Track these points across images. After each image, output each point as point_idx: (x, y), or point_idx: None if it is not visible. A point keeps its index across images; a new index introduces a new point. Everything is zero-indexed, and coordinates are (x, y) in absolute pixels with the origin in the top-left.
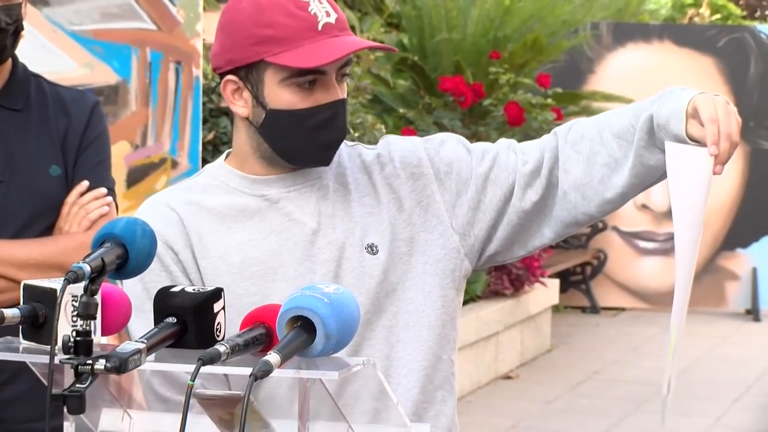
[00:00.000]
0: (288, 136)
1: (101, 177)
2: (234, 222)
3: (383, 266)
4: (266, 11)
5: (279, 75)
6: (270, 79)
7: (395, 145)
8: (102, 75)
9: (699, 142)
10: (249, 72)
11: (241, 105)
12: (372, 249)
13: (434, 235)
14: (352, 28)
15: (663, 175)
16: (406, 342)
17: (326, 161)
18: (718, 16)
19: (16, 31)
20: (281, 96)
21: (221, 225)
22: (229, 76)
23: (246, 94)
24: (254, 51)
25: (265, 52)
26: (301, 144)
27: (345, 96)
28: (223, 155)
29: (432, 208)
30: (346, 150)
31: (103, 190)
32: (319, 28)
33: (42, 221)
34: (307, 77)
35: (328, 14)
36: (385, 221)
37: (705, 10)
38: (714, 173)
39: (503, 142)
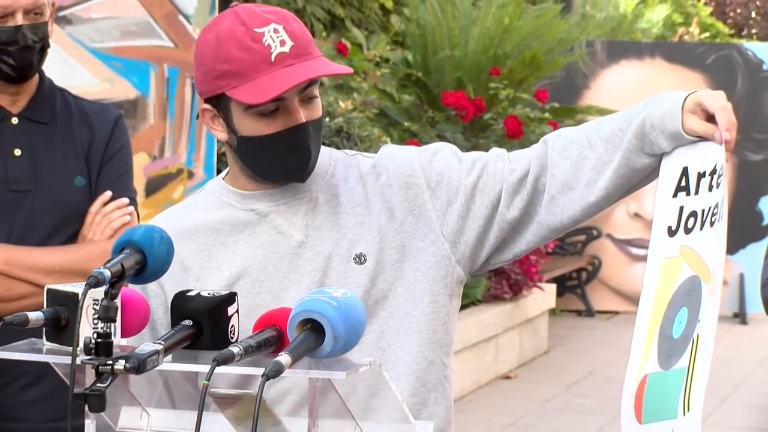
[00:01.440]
0: (259, 160)
1: (123, 187)
2: (227, 236)
3: (371, 275)
4: (223, 46)
5: (241, 106)
6: (235, 109)
7: (391, 156)
8: (122, 90)
9: (699, 137)
10: (219, 102)
11: (219, 130)
12: (360, 259)
13: (425, 242)
14: (359, 45)
15: (646, 179)
16: (397, 346)
17: (300, 179)
18: (707, 34)
19: (42, 49)
20: (247, 124)
21: (215, 240)
22: (205, 105)
23: (221, 121)
24: (216, 84)
25: (224, 86)
26: (272, 165)
27: (312, 116)
28: (224, 172)
29: (423, 217)
30: (343, 161)
31: (125, 200)
32: (272, 59)
33: (67, 230)
34: (267, 106)
35: (282, 43)
36: (375, 230)
37: (695, 29)
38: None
39: (494, 151)
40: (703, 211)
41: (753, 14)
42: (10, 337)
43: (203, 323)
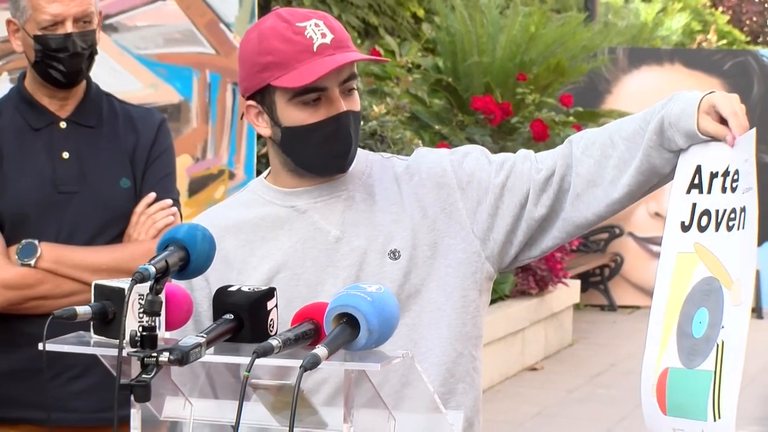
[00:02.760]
0: (302, 149)
1: (167, 189)
2: (267, 232)
3: (404, 270)
4: (266, 40)
5: (286, 96)
6: (279, 100)
7: (424, 157)
8: (165, 95)
9: (712, 137)
10: (263, 96)
11: (263, 126)
12: (394, 254)
13: (456, 240)
14: (392, 52)
15: (666, 177)
16: (428, 338)
17: (341, 169)
18: (724, 41)
19: (90, 55)
20: (291, 114)
21: (256, 235)
22: (249, 102)
23: (265, 116)
24: (261, 78)
25: (269, 78)
26: (314, 155)
27: (352, 108)
28: (265, 172)
29: (455, 215)
30: (379, 162)
31: (169, 201)
32: (314, 49)
33: (112, 230)
34: (310, 95)
35: (324, 35)
36: (409, 228)
37: (712, 36)
38: None
39: (521, 152)
40: (717, 212)
41: None
42: (59, 330)
43: (244, 317)
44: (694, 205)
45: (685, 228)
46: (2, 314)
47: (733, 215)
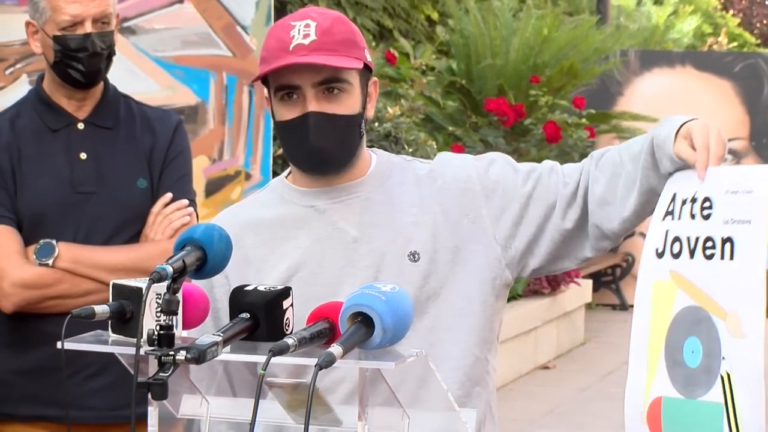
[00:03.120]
0: (285, 145)
1: (183, 189)
2: (287, 231)
3: (423, 273)
4: (268, 36)
5: (273, 91)
6: (272, 94)
7: (448, 162)
8: (183, 96)
9: (685, 161)
10: (267, 88)
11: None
12: (414, 257)
13: (479, 246)
14: (407, 55)
15: None
16: (446, 341)
17: (320, 169)
18: (734, 43)
19: (109, 56)
20: (277, 109)
21: (276, 234)
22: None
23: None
24: (259, 70)
25: (261, 71)
26: (291, 152)
27: (326, 109)
28: (286, 170)
29: (478, 221)
30: (401, 165)
31: (185, 202)
32: (290, 48)
33: (129, 229)
34: (284, 91)
35: (306, 36)
36: (430, 231)
37: (723, 39)
38: None
39: (547, 164)
40: (689, 239)
41: None
42: (78, 329)
43: (260, 316)
44: (667, 231)
45: (659, 255)
46: (21, 313)
47: (709, 243)
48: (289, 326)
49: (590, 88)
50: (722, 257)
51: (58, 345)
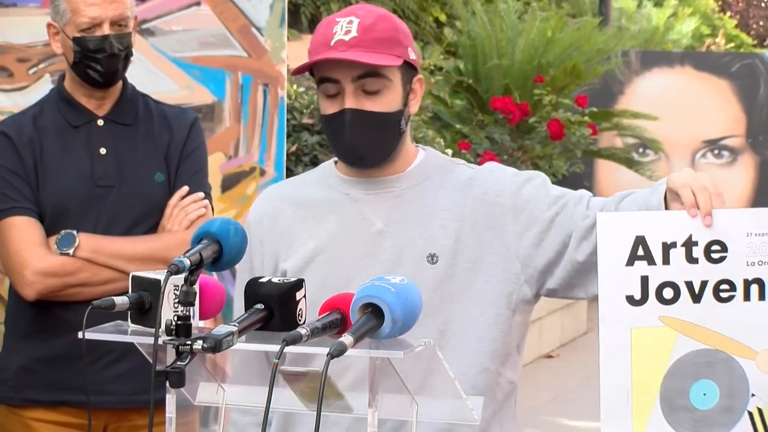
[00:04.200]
0: (327, 138)
1: (199, 183)
2: (321, 213)
3: (439, 276)
4: (315, 31)
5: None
6: (318, 87)
7: (490, 173)
8: (200, 96)
9: (677, 197)
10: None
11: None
12: (432, 258)
13: (499, 258)
14: None
15: None
16: (454, 347)
17: (357, 164)
18: (732, 44)
19: (126, 57)
20: (321, 103)
21: (312, 214)
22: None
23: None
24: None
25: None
26: (333, 145)
27: (364, 107)
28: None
29: (502, 235)
30: (445, 167)
31: (201, 195)
32: (331, 43)
33: (147, 221)
34: (325, 85)
35: (347, 32)
36: (454, 236)
37: (721, 39)
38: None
39: (578, 193)
40: (690, 283)
41: None
42: (98, 318)
43: (274, 307)
44: (645, 278)
45: (636, 302)
46: (43, 302)
47: (725, 286)
48: (301, 317)
49: (593, 87)
50: (747, 299)
51: (80, 335)
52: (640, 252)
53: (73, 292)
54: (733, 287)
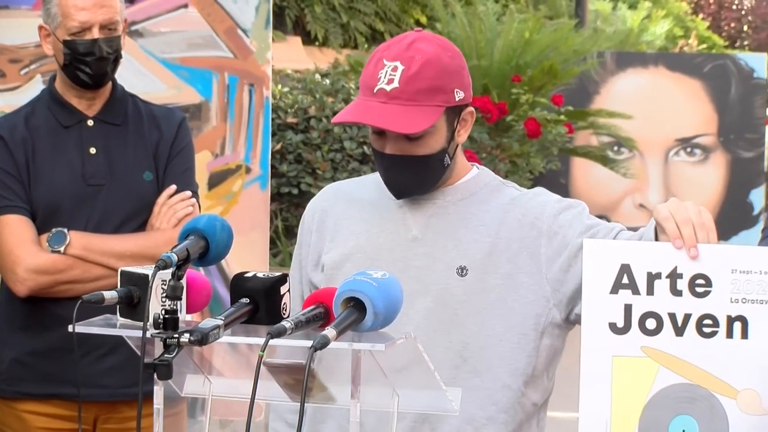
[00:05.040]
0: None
1: (187, 182)
2: (367, 213)
3: (467, 288)
4: (368, 61)
5: None
6: None
7: (535, 197)
8: (187, 95)
9: (668, 235)
10: None
11: None
12: (462, 271)
13: (530, 280)
14: None
15: None
16: (477, 360)
17: (403, 197)
18: (704, 45)
19: (115, 59)
20: (371, 136)
21: (358, 213)
22: None
23: None
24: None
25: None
26: (380, 176)
27: (409, 152)
28: None
29: (535, 257)
30: (494, 186)
31: (188, 193)
32: (374, 91)
33: (137, 219)
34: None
35: (390, 81)
36: (487, 251)
37: (693, 41)
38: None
39: (611, 225)
40: (672, 315)
41: (745, 28)
42: (89, 313)
43: (259, 301)
44: (628, 306)
45: (618, 330)
46: (35, 297)
47: (708, 321)
48: (286, 311)
49: (569, 87)
50: (730, 335)
51: (70, 328)
52: (625, 280)
53: (65, 288)
54: (716, 323)
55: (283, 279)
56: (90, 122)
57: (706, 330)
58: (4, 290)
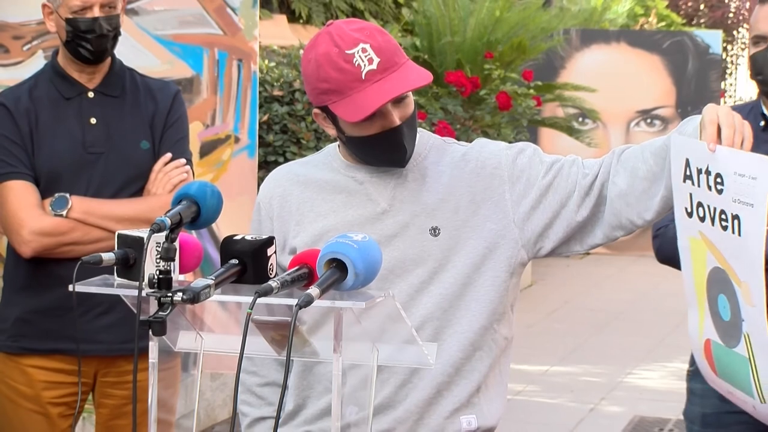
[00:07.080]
0: (364, 154)
1: (181, 150)
2: (328, 195)
3: (442, 246)
4: (321, 68)
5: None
6: (340, 117)
7: (483, 147)
8: (180, 70)
9: (702, 129)
10: (326, 110)
11: (330, 128)
12: (434, 231)
13: (498, 226)
14: None
15: None
16: (457, 309)
17: (400, 166)
18: (663, 23)
19: (115, 36)
20: (351, 127)
21: (319, 195)
22: (316, 110)
23: (330, 123)
24: (321, 99)
25: (327, 101)
26: (373, 159)
27: (405, 116)
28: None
29: (500, 204)
30: (439, 147)
31: (183, 161)
32: (363, 77)
33: (134, 185)
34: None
35: (371, 61)
36: (453, 208)
37: (653, 19)
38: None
39: (570, 157)
40: (708, 206)
41: (702, 6)
42: (88, 273)
43: (247, 262)
44: (691, 195)
45: (688, 214)
46: (38, 259)
47: (723, 216)
48: (272, 271)
49: (537, 62)
50: (733, 231)
51: (70, 288)
52: (687, 172)
53: (66, 250)
54: (727, 218)
55: (270, 241)
56: (90, 94)
57: (723, 224)
58: (9, 252)
